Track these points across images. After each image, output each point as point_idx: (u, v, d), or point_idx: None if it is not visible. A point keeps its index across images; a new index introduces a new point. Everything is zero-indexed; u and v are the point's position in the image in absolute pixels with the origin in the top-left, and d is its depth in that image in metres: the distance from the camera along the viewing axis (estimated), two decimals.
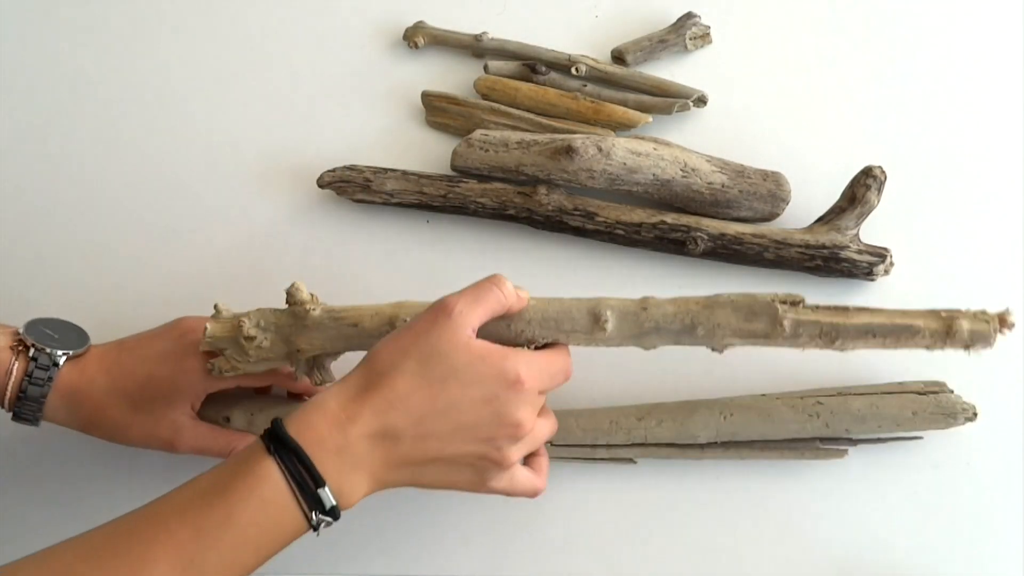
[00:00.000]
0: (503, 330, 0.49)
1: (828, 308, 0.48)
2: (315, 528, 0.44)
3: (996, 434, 0.57)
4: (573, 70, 0.64)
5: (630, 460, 0.57)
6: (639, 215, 0.60)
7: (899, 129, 0.64)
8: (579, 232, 0.60)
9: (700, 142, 0.62)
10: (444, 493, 0.59)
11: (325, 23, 0.69)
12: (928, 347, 0.47)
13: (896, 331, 0.47)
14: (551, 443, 0.56)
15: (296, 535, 0.45)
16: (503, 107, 0.64)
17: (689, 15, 0.65)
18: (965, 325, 0.46)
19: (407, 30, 0.67)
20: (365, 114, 0.67)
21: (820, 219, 0.59)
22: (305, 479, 0.43)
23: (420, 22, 0.67)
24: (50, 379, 0.52)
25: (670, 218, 0.59)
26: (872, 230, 0.59)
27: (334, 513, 0.44)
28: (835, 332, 0.47)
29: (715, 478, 0.58)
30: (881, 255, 0.58)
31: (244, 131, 0.67)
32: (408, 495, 0.59)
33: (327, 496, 0.44)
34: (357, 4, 0.69)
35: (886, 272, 0.58)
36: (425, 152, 0.66)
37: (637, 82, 0.64)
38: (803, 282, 0.60)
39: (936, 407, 0.54)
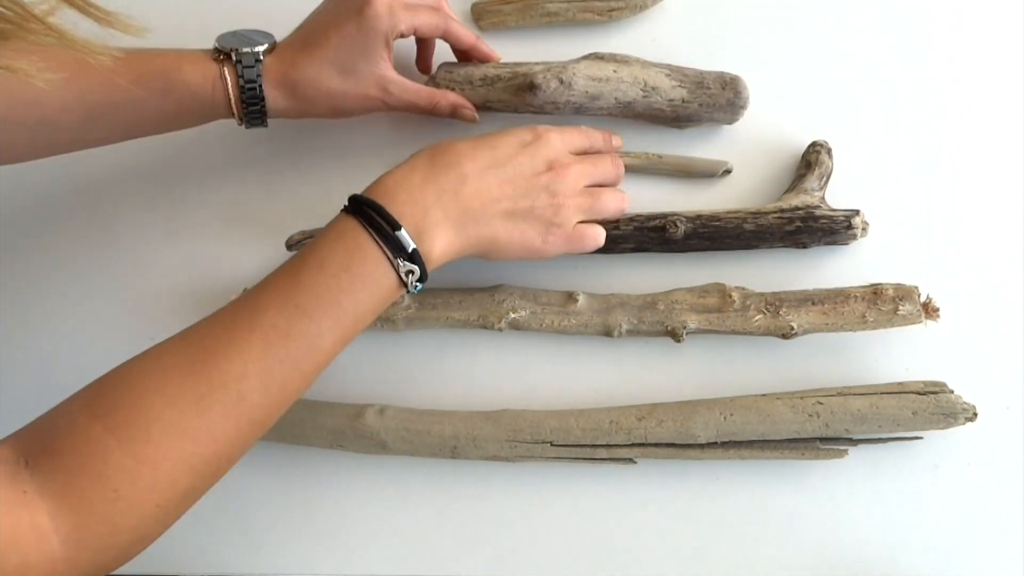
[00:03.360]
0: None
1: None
2: (405, 283, 0.48)
3: (996, 434, 0.57)
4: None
5: (630, 460, 0.57)
6: None
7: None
8: None
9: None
10: (445, 490, 0.59)
11: None
12: (863, 315, 0.55)
13: (831, 296, 0.56)
14: (552, 443, 0.56)
15: (390, 290, 0.48)
16: None
17: None
18: (890, 291, 0.55)
19: None
20: None
21: (785, 192, 0.59)
22: (381, 224, 0.47)
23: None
24: (259, 74, 0.54)
25: (644, 212, 0.59)
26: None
27: (418, 261, 0.48)
28: (779, 301, 0.56)
29: (715, 478, 0.58)
30: (854, 211, 0.58)
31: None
32: (407, 494, 0.60)
33: (405, 237, 0.47)
34: None
35: (864, 229, 0.58)
36: None
37: None
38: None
39: (936, 407, 0.54)
